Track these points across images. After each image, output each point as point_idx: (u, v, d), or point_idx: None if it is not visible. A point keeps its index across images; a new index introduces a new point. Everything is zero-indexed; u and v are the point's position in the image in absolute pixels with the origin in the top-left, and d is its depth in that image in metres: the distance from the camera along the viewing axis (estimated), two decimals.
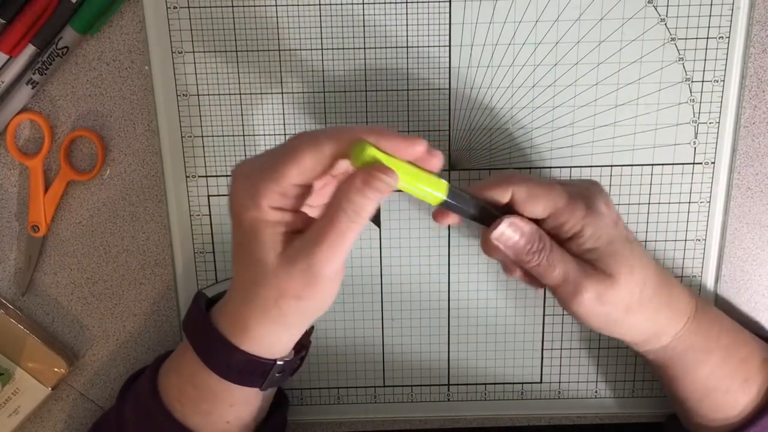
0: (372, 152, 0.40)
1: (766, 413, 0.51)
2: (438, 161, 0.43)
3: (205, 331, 0.47)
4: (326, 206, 0.42)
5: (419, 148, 0.42)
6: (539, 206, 0.47)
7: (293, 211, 0.43)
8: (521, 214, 0.47)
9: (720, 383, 0.51)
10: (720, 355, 0.51)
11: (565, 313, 0.58)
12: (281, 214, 0.42)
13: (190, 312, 0.50)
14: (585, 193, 0.48)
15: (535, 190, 0.47)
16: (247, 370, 0.47)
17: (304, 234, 0.42)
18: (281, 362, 0.48)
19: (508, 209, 0.48)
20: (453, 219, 0.49)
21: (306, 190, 0.43)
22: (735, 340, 0.52)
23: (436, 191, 0.44)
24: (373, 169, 0.40)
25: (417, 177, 0.43)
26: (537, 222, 0.48)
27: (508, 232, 0.47)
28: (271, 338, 0.46)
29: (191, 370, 0.49)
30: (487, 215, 0.47)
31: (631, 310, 0.48)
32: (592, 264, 0.47)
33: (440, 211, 0.48)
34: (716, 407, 0.52)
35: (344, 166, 0.44)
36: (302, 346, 0.51)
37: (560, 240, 0.48)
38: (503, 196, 0.47)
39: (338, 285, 0.44)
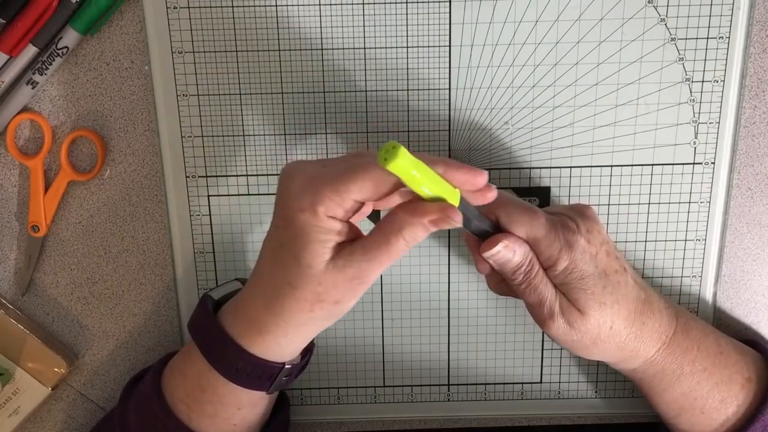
0: (404, 155, 0.40)
1: None
2: (492, 194, 0.44)
3: (213, 335, 0.47)
4: (383, 224, 0.43)
5: (481, 180, 0.43)
6: (519, 232, 0.48)
7: (343, 221, 0.44)
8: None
9: (694, 403, 0.52)
10: (695, 379, 0.51)
11: None
12: (334, 223, 0.43)
13: (197, 315, 0.50)
14: (567, 225, 0.48)
15: (515, 216, 0.48)
16: (256, 373, 0.47)
17: (353, 245, 0.44)
18: (289, 366, 0.48)
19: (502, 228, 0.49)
20: (486, 268, 0.50)
21: (361, 205, 0.44)
22: (714, 363, 0.52)
23: (451, 199, 0.44)
24: (446, 212, 0.42)
25: (436, 183, 0.42)
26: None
27: (502, 252, 0.47)
28: (287, 342, 0.46)
29: (197, 372, 0.49)
30: (485, 231, 0.48)
31: (600, 340, 0.49)
32: (565, 295, 0.48)
33: (480, 259, 0.49)
34: (692, 424, 0.52)
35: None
36: (307, 349, 0.51)
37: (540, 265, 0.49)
38: (491, 218, 0.49)
39: None
